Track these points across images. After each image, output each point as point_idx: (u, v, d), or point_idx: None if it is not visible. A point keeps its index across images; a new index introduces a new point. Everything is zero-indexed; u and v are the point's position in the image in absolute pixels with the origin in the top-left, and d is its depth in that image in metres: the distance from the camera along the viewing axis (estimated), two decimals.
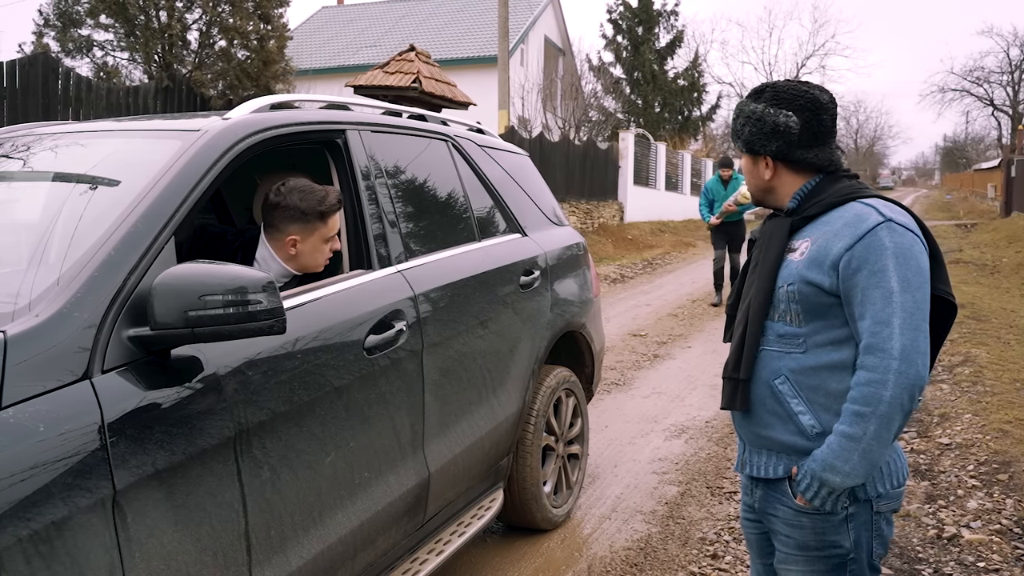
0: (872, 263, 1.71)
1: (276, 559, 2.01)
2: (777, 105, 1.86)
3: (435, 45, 24.02)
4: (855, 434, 1.70)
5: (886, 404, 1.67)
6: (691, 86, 29.60)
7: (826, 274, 1.76)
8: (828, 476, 1.74)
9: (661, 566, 3.39)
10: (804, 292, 1.80)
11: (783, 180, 1.91)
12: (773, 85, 1.90)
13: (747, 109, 1.90)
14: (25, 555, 1.42)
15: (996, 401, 5.37)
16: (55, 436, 1.50)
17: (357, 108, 3.00)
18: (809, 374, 1.82)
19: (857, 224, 1.75)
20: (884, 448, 1.71)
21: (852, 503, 1.81)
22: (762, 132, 1.87)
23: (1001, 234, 17.63)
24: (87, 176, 2.26)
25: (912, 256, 1.72)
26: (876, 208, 1.77)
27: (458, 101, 10.25)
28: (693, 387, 6.26)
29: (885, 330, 1.68)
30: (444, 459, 2.75)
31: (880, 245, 1.71)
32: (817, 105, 1.85)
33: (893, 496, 1.84)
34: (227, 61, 12.31)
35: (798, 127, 1.84)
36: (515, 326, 3.29)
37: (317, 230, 2.50)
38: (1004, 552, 3.40)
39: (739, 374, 1.91)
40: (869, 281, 1.71)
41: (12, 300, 1.71)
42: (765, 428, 1.89)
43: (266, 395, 1.98)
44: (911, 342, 1.67)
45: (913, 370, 1.67)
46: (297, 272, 2.56)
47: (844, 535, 1.82)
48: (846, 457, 1.71)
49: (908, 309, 1.68)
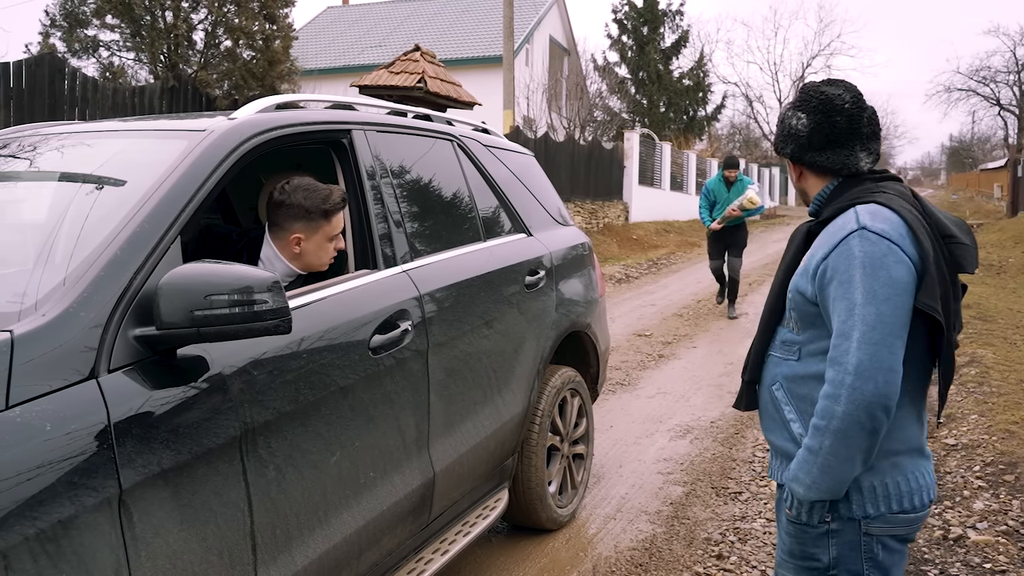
0: (841, 273, 1.67)
1: (281, 558, 2.01)
2: (795, 106, 1.84)
3: (440, 45, 24.03)
4: (812, 447, 1.68)
5: (838, 420, 1.62)
6: (696, 86, 29.58)
7: (809, 283, 1.75)
8: (794, 487, 1.74)
9: (666, 566, 3.39)
10: (797, 300, 1.79)
11: (809, 183, 1.90)
12: (804, 86, 1.87)
13: (782, 109, 1.89)
14: (32, 554, 1.42)
15: (1002, 402, 5.35)
16: (61, 435, 1.50)
17: (362, 108, 3.01)
18: (800, 383, 1.80)
19: (836, 232, 1.72)
20: (847, 464, 1.65)
21: (835, 519, 1.75)
22: (781, 134, 1.87)
23: (1007, 234, 17.56)
24: (93, 176, 2.27)
25: (882, 266, 1.63)
26: (858, 215, 1.71)
27: (463, 101, 10.25)
28: (698, 387, 6.25)
29: (844, 343, 1.63)
30: (449, 459, 2.75)
31: (850, 254, 1.66)
32: (830, 107, 1.79)
33: (896, 521, 1.73)
34: (233, 61, 12.34)
35: (807, 130, 1.81)
36: (520, 326, 3.29)
37: (321, 228, 2.50)
38: (1011, 553, 3.39)
39: (745, 376, 1.93)
40: (837, 292, 1.67)
41: (19, 300, 1.71)
42: (769, 432, 1.92)
43: (272, 395, 1.98)
44: (869, 357, 1.60)
45: (870, 386, 1.59)
46: (302, 271, 2.56)
47: (823, 550, 1.77)
48: (807, 470, 1.69)
49: (869, 322, 1.61)
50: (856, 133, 1.81)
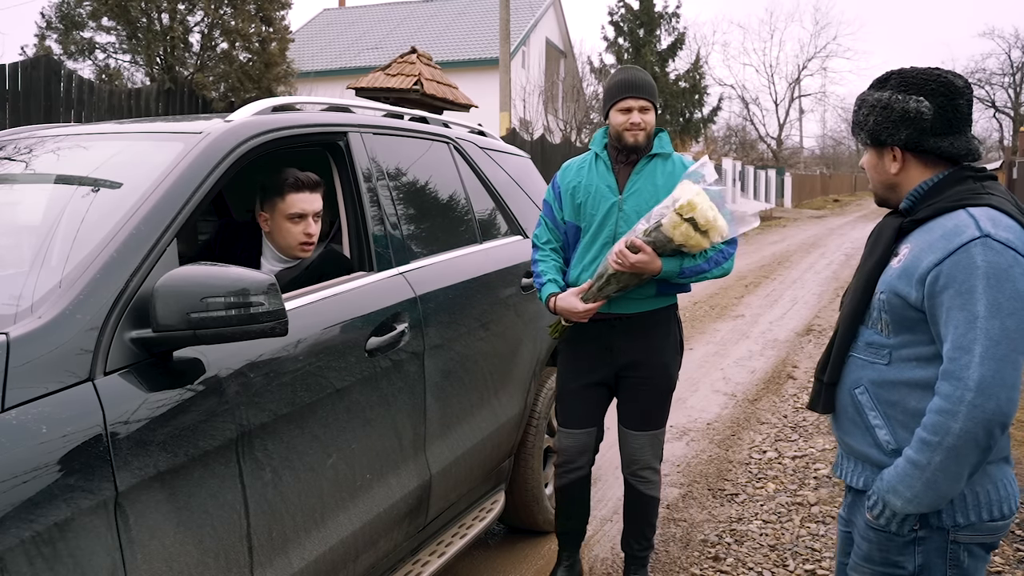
0: (960, 282, 1.58)
1: (278, 561, 2.01)
2: (906, 91, 1.73)
3: (437, 47, 24.04)
4: (920, 462, 1.61)
5: (954, 436, 1.56)
6: (693, 88, 29.59)
7: (913, 287, 1.65)
8: (891, 499, 1.67)
9: (663, 568, 3.39)
10: (893, 303, 1.71)
11: (911, 175, 1.77)
12: (899, 72, 1.78)
13: (871, 98, 1.78)
14: (28, 556, 1.42)
15: None
16: (57, 438, 1.50)
17: (359, 110, 3.01)
18: (889, 388, 1.74)
19: (952, 237, 1.62)
20: (953, 481, 1.60)
21: (923, 528, 1.71)
22: (889, 120, 1.74)
23: None
24: (89, 178, 2.27)
25: (1008, 278, 1.56)
26: (977, 220, 1.61)
27: (460, 103, 10.26)
28: (695, 389, 6.25)
29: (964, 357, 1.56)
30: (446, 461, 2.75)
31: (971, 263, 1.57)
32: (952, 89, 1.71)
33: (985, 529, 1.70)
34: (229, 63, 12.32)
35: (931, 112, 1.71)
36: (517, 328, 3.29)
37: (277, 206, 2.61)
38: (1006, 554, 3.40)
39: (824, 377, 1.87)
40: (954, 302, 1.58)
41: (15, 302, 1.71)
42: (847, 435, 1.86)
43: (268, 397, 1.98)
44: (993, 373, 1.53)
45: (992, 404, 1.54)
46: (282, 255, 2.67)
47: (908, 557, 1.73)
48: (909, 484, 1.63)
49: (993, 337, 1.54)
50: (970, 119, 1.76)
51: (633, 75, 2.83)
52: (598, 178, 2.86)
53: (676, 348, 3.00)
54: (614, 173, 2.86)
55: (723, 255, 2.75)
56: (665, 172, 2.83)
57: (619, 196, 2.82)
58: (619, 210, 2.81)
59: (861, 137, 1.83)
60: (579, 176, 2.91)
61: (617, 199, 2.82)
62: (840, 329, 1.85)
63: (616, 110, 2.82)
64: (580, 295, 2.78)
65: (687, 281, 2.78)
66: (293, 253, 2.66)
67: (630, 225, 2.74)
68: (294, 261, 2.67)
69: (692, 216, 2.53)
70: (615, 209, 2.81)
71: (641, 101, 2.78)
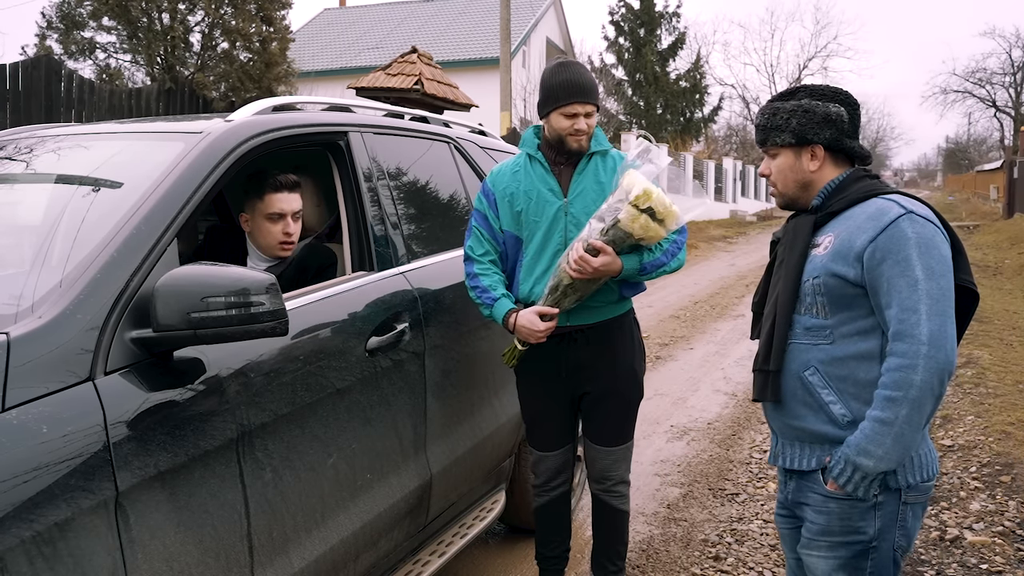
0: (896, 253, 1.77)
1: (278, 560, 2.01)
2: (821, 99, 1.96)
3: (437, 47, 24.04)
4: (887, 418, 1.75)
5: (916, 388, 1.72)
6: (693, 88, 29.61)
7: (851, 266, 1.83)
8: (862, 460, 1.79)
9: (663, 568, 3.39)
10: (829, 284, 1.87)
11: (825, 172, 1.98)
12: (806, 86, 2.01)
13: (787, 105, 1.98)
14: (28, 556, 1.42)
15: (998, 403, 5.37)
16: (58, 438, 1.50)
17: (359, 110, 3.01)
18: (838, 364, 1.88)
19: (879, 217, 1.83)
20: (916, 432, 1.76)
21: (882, 491, 1.85)
22: (813, 121, 1.94)
23: (1004, 235, 17.60)
24: (90, 178, 2.27)
25: (934, 245, 1.78)
26: (897, 202, 1.85)
27: (460, 103, 10.25)
28: (695, 389, 6.26)
29: (912, 317, 1.74)
30: (446, 461, 2.75)
31: (903, 235, 1.78)
32: (854, 101, 1.99)
33: (922, 489, 1.89)
34: (229, 63, 12.33)
35: (848, 117, 1.95)
36: None
37: (256, 207, 2.64)
38: (1007, 554, 3.40)
39: (769, 366, 1.97)
40: (893, 271, 1.77)
41: (15, 302, 1.71)
42: (797, 419, 1.95)
43: (268, 396, 1.98)
44: (938, 328, 1.73)
45: (942, 355, 1.72)
46: (264, 254, 2.69)
47: (870, 522, 1.87)
48: (879, 441, 1.76)
49: (934, 296, 1.74)
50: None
51: (578, 76, 2.64)
52: (538, 182, 2.70)
53: (642, 353, 2.88)
54: (555, 175, 2.72)
55: (676, 245, 2.66)
56: (607, 169, 2.71)
57: (564, 199, 2.67)
58: (566, 214, 2.66)
59: (781, 139, 1.98)
60: (515, 181, 2.73)
61: (562, 203, 2.67)
62: (777, 320, 1.97)
63: (560, 114, 2.64)
64: (540, 313, 2.62)
65: (647, 278, 2.67)
66: (274, 252, 2.69)
67: (580, 229, 2.61)
68: (276, 260, 2.70)
69: (650, 205, 2.44)
70: (561, 214, 2.66)
71: (588, 106, 2.64)
